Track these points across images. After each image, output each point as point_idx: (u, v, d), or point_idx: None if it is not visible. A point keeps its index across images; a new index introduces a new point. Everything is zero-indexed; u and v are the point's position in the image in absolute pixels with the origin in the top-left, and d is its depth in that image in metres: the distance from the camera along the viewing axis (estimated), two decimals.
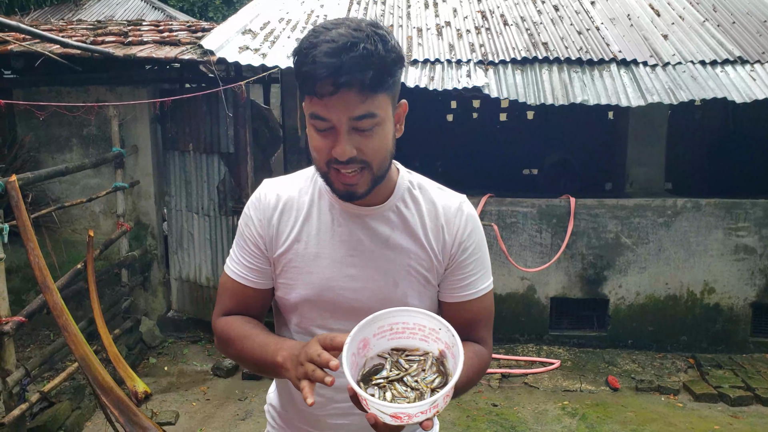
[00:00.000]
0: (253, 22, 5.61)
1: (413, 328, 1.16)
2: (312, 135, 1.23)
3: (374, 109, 1.18)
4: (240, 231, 1.42)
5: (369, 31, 1.17)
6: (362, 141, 1.19)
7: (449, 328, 1.12)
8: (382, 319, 1.15)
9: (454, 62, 5.20)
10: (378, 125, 1.20)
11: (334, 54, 1.12)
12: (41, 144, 5.41)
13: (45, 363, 3.99)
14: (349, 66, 1.12)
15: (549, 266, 5.20)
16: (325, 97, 1.14)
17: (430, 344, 1.16)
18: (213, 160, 5.26)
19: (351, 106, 1.15)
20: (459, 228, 1.36)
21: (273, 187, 1.40)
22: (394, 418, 1.02)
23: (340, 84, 1.13)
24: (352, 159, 1.19)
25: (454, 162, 7.79)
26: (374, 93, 1.16)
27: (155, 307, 5.65)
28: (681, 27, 5.75)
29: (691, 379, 4.80)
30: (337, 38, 1.14)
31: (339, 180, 1.23)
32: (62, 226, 5.41)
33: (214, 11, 14.92)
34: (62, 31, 5.52)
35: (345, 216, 1.34)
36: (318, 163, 1.25)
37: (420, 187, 1.39)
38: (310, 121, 1.21)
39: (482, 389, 4.65)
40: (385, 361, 1.16)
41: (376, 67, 1.14)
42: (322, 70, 1.12)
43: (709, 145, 7.58)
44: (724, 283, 5.21)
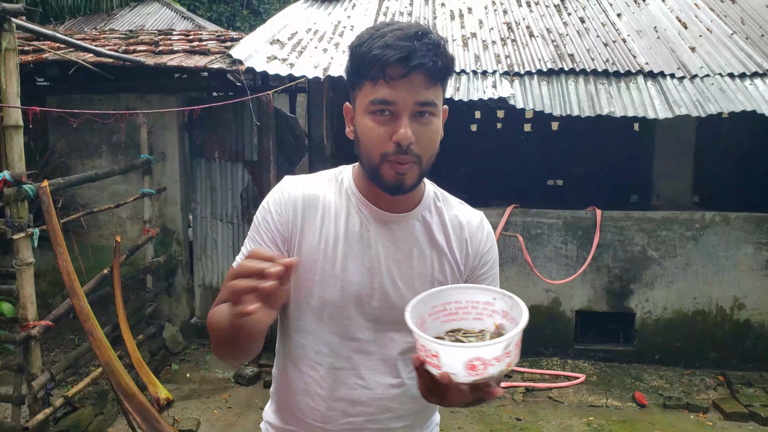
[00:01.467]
0: (281, 32, 5.67)
1: (466, 307, 1.13)
2: (368, 125, 1.20)
3: (435, 99, 1.20)
4: (256, 225, 1.33)
5: (434, 30, 1.22)
6: (420, 130, 1.19)
7: (504, 293, 1.10)
8: (436, 298, 1.12)
9: (479, 73, 5.19)
10: (435, 116, 1.22)
11: (407, 39, 1.16)
12: (72, 150, 5.50)
13: (69, 368, 4.03)
14: (423, 51, 1.15)
15: (574, 279, 5.14)
16: (394, 80, 1.16)
17: (485, 321, 1.12)
18: (237, 168, 5.31)
19: (419, 89, 1.17)
20: (481, 242, 1.38)
21: (297, 184, 1.35)
22: (470, 369, 0.96)
23: (413, 67, 1.15)
24: (409, 148, 1.18)
25: (479, 172, 7.75)
26: (437, 83, 1.20)
27: (179, 313, 5.69)
28: (708, 39, 5.68)
29: (721, 397, 4.69)
30: (405, 28, 1.19)
31: (391, 170, 1.21)
32: (90, 231, 5.49)
33: (242, 21, 15.11)
34: (95, 40, 5.63)
35: (372, 221, 1.31)
36: (371, 155, 1.22)
37: (443, 199, 1.40)
38: (370, 108, 1.20)
39: (506, 402, 4.59)
40: (443, 340, 1.11)
41: (443, 58, 1.19)
42: (396, 52, 1.14)
43: (737, 158, 7.44)
44: (754, 299, 5.10)
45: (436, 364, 0.98)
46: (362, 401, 1.33)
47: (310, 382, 1.34)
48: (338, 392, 1.33)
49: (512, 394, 4.69)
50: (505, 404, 4.56)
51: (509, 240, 5.16)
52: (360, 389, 1.33)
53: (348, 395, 1.33)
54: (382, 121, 1.19)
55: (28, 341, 3.49)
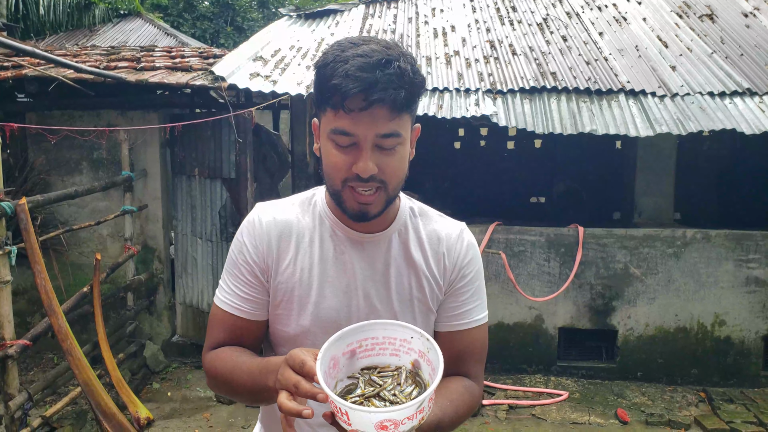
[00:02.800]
0: (264, 49, 5.68)
1: (383, 343, 1.11)
2: (330, 151, 1.18)
3: (400, 129, 1.16)
4: (232, 259, 1.32)
5: (399, 50, 1.16)
6: (383, 159, 1.17)
7: (422, 334, 1.08)
8: (351, 336, 1.09)
9: (462, 91, 5.23)
10: (400, 145, 1.18)
11: (369, 69, 1.10)
12: (52, 167, 5.45)
13: (48, 387, 3.96)
14: (384, 83, 1.10)
15: (557, 296, 5.15)
16: (354, 112, 1.12)
17: (402, 357, 1.11)
18: (216, 186, 5.25)
19: (380, 123, 1.13)
20: (459, 255, 1.34)
21: (268, 211, 1.33)
22: (380, 429, 0.95)
23: (373, 100, 1.10)
24: (372, 177, 1.16)
25: (462, 189, 7.78)
26: (402, 112, 1.15)
27: (160, 332, 5.62)
28: (689, 58, 5.77)
29: (703, 413, 4.71)
30: (370, 53, 1.12)
31: (354, 199, 1.19)
32: (70, 249, 5.42)
33: (225, 38, 15.14)
34: (76, 56, 5.60)
35: (347, 243, 1.30)
36: (333, 180, 1.20)
37: (421, 214, 1.37)
38: (330, 136, 1.17)
39: (489, 420, 4.57)
40: (357, 380, 1.10)
41: (407, 86, 1.13)
42: (356, 84, 1.10)
43: (717, 175, 7.56)
44: (735, 316, 5.14)
45: (347, 421, 0.97)
46: None
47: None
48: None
49: (495, 412, 4.67)
50: (488, 422, 4.55)
51: (492, 257, 5.17)
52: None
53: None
54: (344, 150, 1.17)
55: (5, 360, 3.43)
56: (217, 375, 1.28)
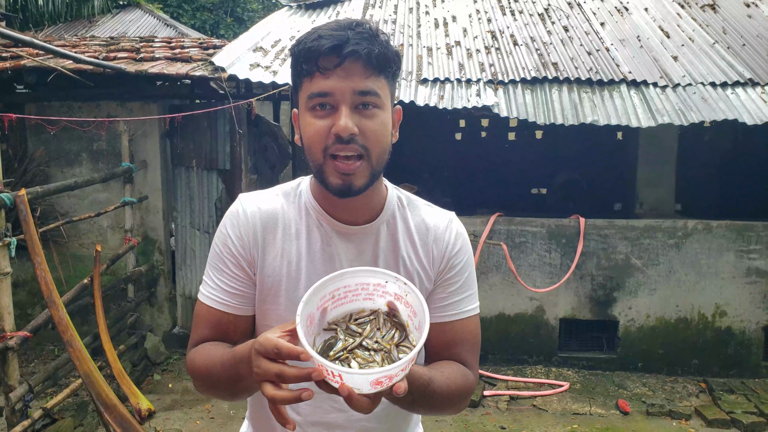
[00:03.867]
0: (264, 39, 5.65)
1: (355, 290, 1.08)
2: (308, 121, 1.15)
3: (377, 89, 1.15)
4: (216, 252, 1.27)
5: (374, 24, 1.18)
6: (363, 121, 1.14)
7: (398, 278, 1.06)
8: (322, 289, 1.05)
9: (464, 81, 5.20)
10: (380, 108, 1.16)
11: (340, 29, 1.13)
12: (51, 158, 5.43)
13: (48, 379, 3.96)
14: (356, 39, 1.11)
15: (558, 287, 5.15)
16: (329, 70, 1.11)
17: (377, 301, 1.09)
18: (212, 177, 5.22)
19: (356, 78, 1.12)
20: (448, 244, 1.30)
21: (252, 201, 1.28)
22: (376, 384, 0.94)
23: (347, 54, 1.10)
24: (353, 138, 1.12)
25: (463, 181, 7.76)
26: (378, 73, 1.14)
27: (161, 323, 5.62)
28: (691, 49, 5.74)
29: (703, 403, 4.71)
30: (341, 21, 1.16)
31: (336, 170, 1.15)
32: (70, 241, 5.41)
33: (225, 29, 15.06)
34: (75, 47, 5.57)
35: (334, 235, 1.26)
36: (313, 153, 1.16)
37: (409, 205, 1.33)
38: (308, 105, 1.15)
39: (490, 411, 4.58)
40: (335, 332, 1.06)
41: (381, 46, 1.14)
42: (328, 41, 1.11)
43: (718, 166, 7.53)
44: (736, 307, 5.14)
45: (340, 382, 0.95)
46: (339, 424, 1.29)
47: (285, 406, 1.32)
48: (313, 417, 1.29)
49: (497, 403, 4.68)
50: (489, 413, 4.55)
51: (493, 248, 5.17)
52: (335, 412, 1.29)
53: (323, 419, 1.29)
54: (322, 115, 1.14)
55: (6, 352, 3.42)
56: (195, 372, 1.23)
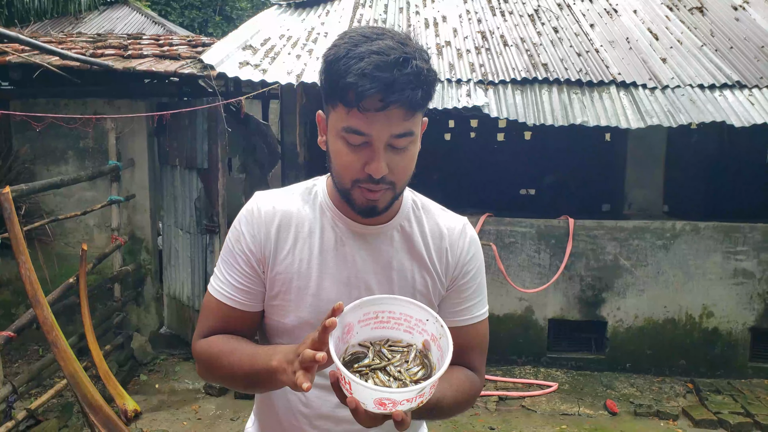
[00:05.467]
0: (254, 38, 5.61)
1: (399, 318, 1.12)
2: (341, 150, 1.15)
3: (413, 128, 1.14)
4: (229, 247, 1.29)
5: (415, 46, 1.12)
6: (395, 159, 1.15)
7: (438, 319, 1.09)
8: (369, 305, 1.10)
9: (454, 81, 5.20)
10: (412, 144, 1.17)
11: (386, 68, 1.06)
12: (37, 156, 5.36)
13: (33, 379, 3.91)
14: (402, 83, 1.06)
15: (547, 287, 5.16)
16: (369, 112, 1.08)
17: (415, 336, 1.12)
18: (192, 176, 5.14)
19: (395, 123, 1.10)
20: (462, 251, 1.33)
21: (268, 200, 1.30)
22: (379, 405, 0.97)
23: (391, 101, 1.07)
24: (383, 178, 1.14)
25: (452, 181, 7.76)
26: (417, 112, 1.13)
27: (147, 323, 5.57)
28: (679, 51, 5.78)
29: (690, 404, 4.74)
30: (387, 51, 1.08)
31: (363, 196, 1.17)
32: (55, 239, 5.35)
33: (214, 27, 14.98)
34: (62, 43, 5.50)
35: (349, 235, 1.27)
36: (342, 180, 1.18)
37: (423, 208, 1.35)
38: (341, 134, 1.13)
39: (479, 412, 4.57)
40: (367, 350, 1.11)
41: (424, 86, 1.10)
42: (373, 85, 1.05)
43: (704, 168, 7.59)
44: (722, 307, 5.18)
45: (348, 389, 1.00)
46: (346, 419, 1.28)
47: (293, 400, 1.32)
48: (321, 410, 1.30)
49: (485, 403, 4.67)
50: (478, 413, 4.55)
51: (483, 248, 5.15)
52: (342, 407, 1.29)
53: (331, 413, 1.30)
54: (355, 148, 1.14)
55: None
56: (212, 357, 1.25)
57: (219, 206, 4.91)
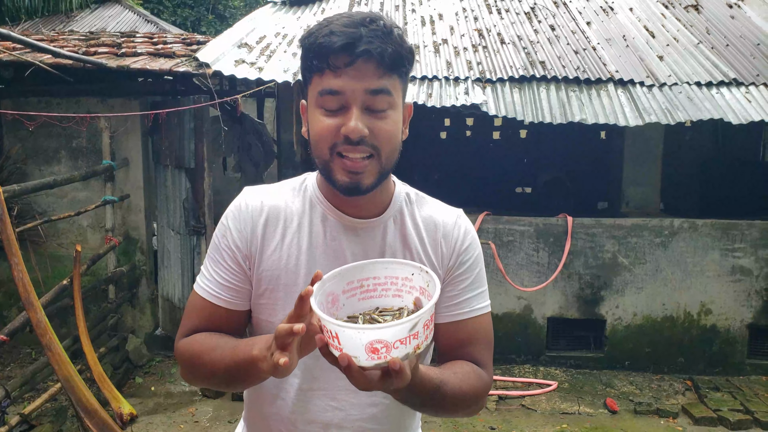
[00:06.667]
0: (249, 36, 5.56)
1: (385, 284, 1.08)
2: (317, 118, 1.13)
3: (389, 87, 1.12)
4: (215, 244, 1.25)
5: (387, 18, 1.14)
6: (375, 122, 1.11)
7: (422, 268, 1.05)
8: (351, 273, 1.06)
9: (452, 79, 5.16)
10: (391, 108, 1.13)
11: (353, 25, 1.09)
12: (29, 156, 5.29)
13: (26, 383, 3.84)
14: (369, 37, 1.08)
15: (546, 286, 5.14)
16: (340, 69, 1.08)
17: (405, 298, 1.07)
18: (181, 176, 5.06)
19: (368, 77, 1.09)
20: (457, 241, 1.28)
21: (256, 195, 1.26)
22: (371, 353, 0.91)
23: (359, 53, 1.07)
24: (362, 140, 1.10)
25: (449, 180, 7.73)
26: (391, 72, 1.12)
27: (143, 325, 5.50)
28: (676, 48, 5.77)
29: (690, 401, 4.73)
30: (354, 15, 1.12)
31: (343, 169, 1.12)
32: (48, 240, 5.27)
33: (207, 26, 14.88)
34: (54, 41, 5.43)
35: (339, 229, 1.23)
36: (320, 149, 1.14)
37: (417, 200, 1.31)
38: (318, 101, 1.12)
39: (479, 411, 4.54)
40: (356, 319, 1.06)
41: (394, 44, 1.11)
42: (340, 38, 1.07)
43: (700, 165, 7.61)
44: (720, 305, 5.17)
45: (337, 346, 0.93)
46: (335, 423, 1.26)
47: (281, 405, 1.27)
48: (309, 415, 1.26)
49: (485, 403, 4.64)
50: (478, 413, 4.51)
51: (482, 247, 5.13)
52: (332, 411, 1.26)
53: (320, 418, 1.26)
54: (332, 113, 1.11)
55: None
56: (194, 356, 1.20)
57: (205, 206, 4.85)
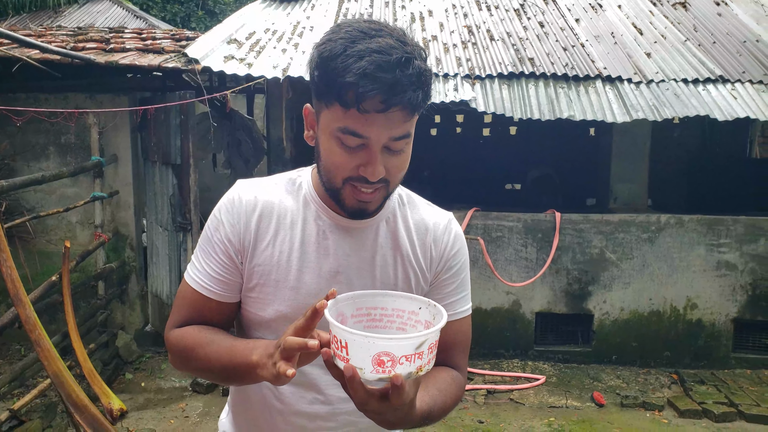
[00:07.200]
0: (239, 31, 5.55)
1: (391, 315, 1.10)
2: (334, 150, 1.11)
3: (411, 130, 1.12)
4: (207, 236, 1.26)
5: (414, 44, 1.08)
6: (391, 160, 1.12)
7: (429, 302, 1.08)
8: (362, 300, 1.09)
9: (441, 76, 5.19)
10: (408, 145, 1.15)
11: (389, 69, 1.02)
12: (16, 152, 5.26)
13: (15, 380, 3.84)
14: (405, 85, 1.03)
15: (534, 281, 5.18)
16: (369, 114, 1.04)
17: (408, 331, 1.10)
18: (168, 172, 5.05)
19: (395, 126, 1.07)
20: (447, 245, 1.31)
21: (249, 189, 1.26)
22: (377, 365, 0.93)
23: (393, 103, 1.03)
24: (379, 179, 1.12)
25: (439, 176, 7.77)
26: (416, 113, 1.10)
27: (132, 321, 5.50)
28: (663, 46, 5.82)
29: (675, 395, 4.79)
30: (388, 50, 1.03)
31: (354, 197, 1.15)
32: (37, 237, 5.25)
33: (197, 22, 14.80)
34: (41, 36, 5.40)
35: (332, 228, 1.25)
36: (333, 179, 1.14)
37: (409, 202, 1.33)
38: (337, 134, 1.09)
39: (468, 405, 4.58)
40: None
41: (425, 87, 1.07)
42: (375, 86, 1.01)
43: (688, 162, 7.69)
44: (706, 299, 5.24)
45: (344, 356, 0.95)
46: (321, 416, 1.29)
47: (269, 396, 1.30)
48: (296, 407, 1.28)
49: (474, 397, 4.68)
50: (467, 407, 4.56)
51: (470, 243, 5.16)
52: (318, 404, 1.28)
53: (306, 410, 1.28)
54: (350, 150, 1.10)
55: None
56: (187, 349, 1.22)
57: (191, 203, 4.85)
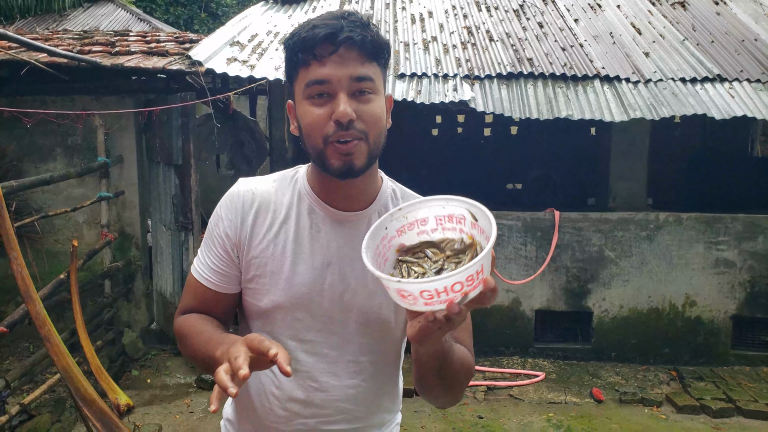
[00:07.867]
0: (241, 34, 5.63)
1: (441, 222, 1.10)
2: (307, 110, 1.19)
3: (372, 75, 1.20)
4: (209, 230, 1.34)
5: (363, 14, 1.24)
6: (360, 106, 1.18)
7: (478, 207, 1.06)
8: (402, 216, 1.10)
9: (440, 76, 5.25)
10: (374, 93, 1.21)
11: (333, 18, 1.18)
12: (24, 153, 5.35)
13: (25, 375, 3.92)
14: (350, 27, 1.16)
15: (534, 279, 5.24)
16: (324, 58, 1.16)
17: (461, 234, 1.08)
18: (171, 172, 5.11)
19: (351, 64, 1.17)
20: None
21: (248, 186, 1.33)
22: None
23: (342, 41, 1.15)
24: (352, 124, 1.16)
25: (440, 176, 7.83)
26: (371, 59, 1.20)
27: (138, 319, 5.58)
28: (661, 45, 5.87)
29: (674, 391, 4.84)
30: (332, 11, 1.22)
31: (337, 152, 1.18)
32: (45, 237, 5.34)
33: (200, 24, 14.90)
34: (48, 40, 5.49)
35: (325, 221, 1.30)
36: (314, 140, 1.20)
37: (403, 197, 1.37)
38: (306, 93, 1.19)
39: (468, 401, 4.65)
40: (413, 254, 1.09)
41: (374, 33, 1.19)
42: (322, 30, 1.15)
43: (687, 160, 7.72)
44: (705, 297, 5.28)
45: (442, 300, 0.94)
46: (315, 403, 1.33)
47: (266, 382, 1.34)
48: (292, 393, 1.33)
49: (474, 393, 4.75)
50: (467, 402, 4.62)
51: None
52: (313, 391, 1.32)
53: (301, 397, 1.33)
54: (320, 103, 1.18)
55: None
56: (183, 337, 1.32)
57: (192, 203, 4.91)
